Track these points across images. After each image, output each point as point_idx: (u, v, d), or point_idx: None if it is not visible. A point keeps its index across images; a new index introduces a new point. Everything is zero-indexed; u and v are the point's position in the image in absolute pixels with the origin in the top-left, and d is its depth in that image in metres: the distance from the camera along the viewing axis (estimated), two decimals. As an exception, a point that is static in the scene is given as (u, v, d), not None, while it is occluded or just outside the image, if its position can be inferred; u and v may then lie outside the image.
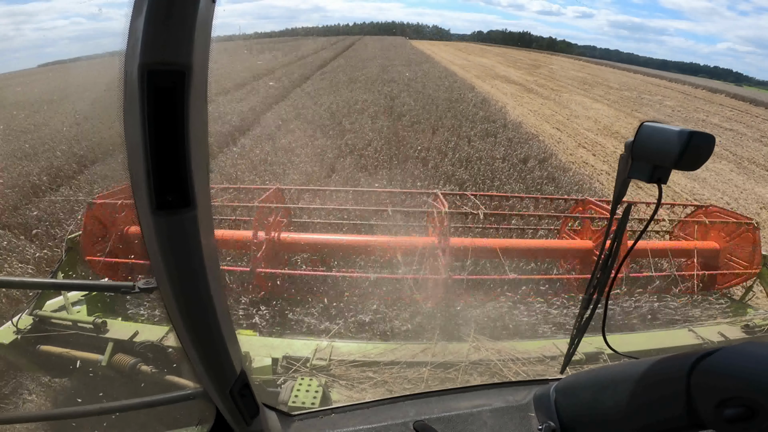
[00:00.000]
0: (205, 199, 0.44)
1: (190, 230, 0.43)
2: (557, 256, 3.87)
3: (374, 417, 0.97)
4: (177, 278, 0.46)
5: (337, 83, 16.94)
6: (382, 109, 11.69)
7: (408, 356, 2.45)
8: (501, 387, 1.09)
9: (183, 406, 0.82)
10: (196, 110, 0.38)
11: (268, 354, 2.43)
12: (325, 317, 3.08)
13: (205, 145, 0.42)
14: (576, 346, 1.09)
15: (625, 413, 0.71)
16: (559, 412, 0.87)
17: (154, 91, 0.35)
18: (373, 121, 10.33)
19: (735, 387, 0.53)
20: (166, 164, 0.38)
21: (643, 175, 0.75)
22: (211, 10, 0.37)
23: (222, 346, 0.57)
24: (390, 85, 16.79)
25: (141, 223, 0.41)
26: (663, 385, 0.64)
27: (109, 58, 29.99)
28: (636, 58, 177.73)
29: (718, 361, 0.57)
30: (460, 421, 0.93)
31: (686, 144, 0.66)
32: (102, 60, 31.91)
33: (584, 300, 1.01)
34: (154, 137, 0.36)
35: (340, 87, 15.79)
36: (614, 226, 0.91)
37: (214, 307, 0.51)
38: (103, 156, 7.90)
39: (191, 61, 0.35)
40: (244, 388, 0.68)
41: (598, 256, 0.96)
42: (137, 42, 0.34)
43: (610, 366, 0.84)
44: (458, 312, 3.05)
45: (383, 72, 21.81)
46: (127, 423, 2.24)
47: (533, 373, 2.38)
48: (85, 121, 10.45)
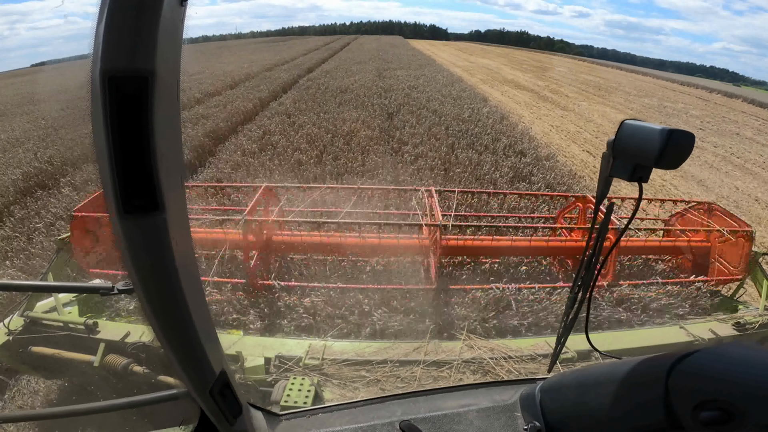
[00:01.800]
0: (179, 202, 0.44)
1: (160, 233, 0.42)
2: (552, 254, 3.82)
3: (362, 416, 0.98)
4: (149, 280, 0.46)
5: (324, 93, 13.89)
6: (376, 134, 9.01)
7: (401, 355, 2.45)
8: (489, 386, 1.09)
9: (171, 405, 0.82)
10: (164, 115, 0.37)
11: (261, 353, 2.42)
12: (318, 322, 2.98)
13: (177, 148, 0.42)
14: (563, 345, 1.10)
15: (608, 414, 0.71)
16: (544, 412, 0.87)
17: (117, 98, 0.35)
18: (364, 154, 7.77)
19: (712, 389, 0.53)
20: (131, 169, 0.37)
21: (625, 173, 0.75)
22: (179, 13, 0.37)
23: (199, 346, 0.57)
24: (387, 96, 13.69)
25: (113, 227, 0.41)
26: (643, 387, 0.65)
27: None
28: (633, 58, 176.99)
29: (695, 363, 0.57)
30: (446, 420, 0.94)
31: (666, 142, 0.66)
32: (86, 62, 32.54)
33: (569, 299, 1.01)
34: (119, 143, 0.36)
35: (326, 99, 12.76)
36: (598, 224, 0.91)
37: (188, 308, 0.51)
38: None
39: (154, 67, 0.35)
40: (225, 387, 0.67)
41: (582, 255, 0.96)
42: (99, 48, 0.33)
43: (593, 366, 0.84)
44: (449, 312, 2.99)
45: (379, 78, 18.78)
46: (116, 423, 2.23)
47: (525, 371, 2.39)
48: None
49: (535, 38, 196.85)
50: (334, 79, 17.74)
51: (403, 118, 10.68)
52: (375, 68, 22.51)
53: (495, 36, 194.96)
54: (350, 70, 21.58)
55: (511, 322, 3.04)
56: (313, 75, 19.85)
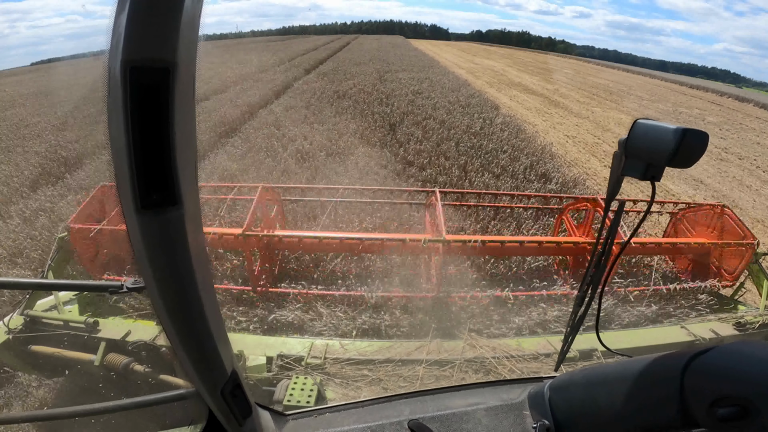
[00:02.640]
0: (193, 198, 0.43)
1: (177, 229, 0.41)
2: (556, 252, 3.83)
3: (369, 416, 0.97)
4: (164, 278, 0.45)
5: (320, 100, 12.72)
6: (377, 151, 7.94)
7: (403, 354, 2.44)
8: (495, 385, 1.08)
9: (176, 405, 0.81)
10: (182, 107, 0.37)
11: (263, 353, 2.41)
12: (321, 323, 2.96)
13: (192, 143, 0.41)
14: (570, 344, 1.09)
15: (619, 412, 0.71)
16: (553, 411, 0.87)
17: (138, 89, 0.34)
18: (361, 175, 6.63)
19: (728, 387, 0.53)
20: (150, 162, 0.36)
21: (637, 172, 0.74)
22: (199, 6, 0.36)
23: (212, 346, 0.56)
24: (389, 102, 12.45)
25: (127, 223, 0.40)
26: (656, 385, 0.64)
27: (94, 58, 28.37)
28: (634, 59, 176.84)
29: (710, 360, 0.57)
30: (455, 419, 0.93)
31: (680, 141, 0.65)
32: (89, 59, 30.38)
33: (578, 297, 1.00)
34: (138, 135, 0.35)
35: (322, 107, 11.54)
36: (608, 223, 0.90)
37: (202, 307, 0.50)
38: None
39: (176, 58, 0.34)
40: (236, 388, 0.66)
41: (592, 253, 0.95)
42: (120, 39, 0.33)
43: (604, 364, 0.83)
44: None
45: (380, 81, 17.40)
46: (120, 423, 2.22)
47: (528, 370, 2.38)
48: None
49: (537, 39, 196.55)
50: (333, 83, 16.37)
51: (408, 130, 9.53)
52: (375, 70, 21.17)
53: (496, 36, 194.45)
54: (349, 72, 20.31)
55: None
56: (310, 78, 18.41)
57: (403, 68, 23.33)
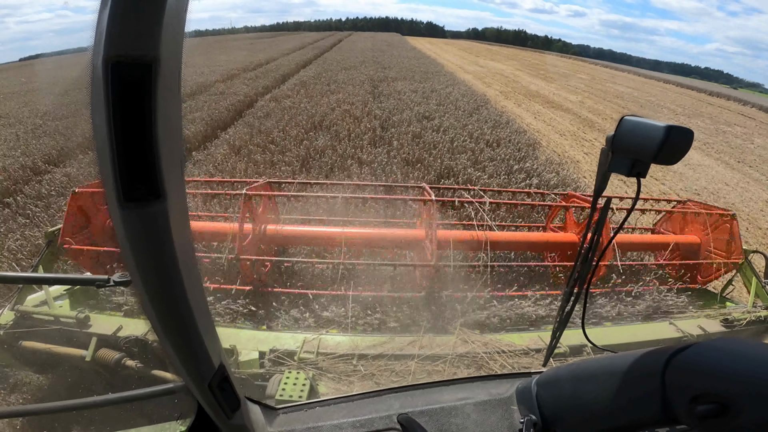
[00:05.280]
0: (179, 191, 0.43)
1: (161, 223, 0.41)
2: (543, 249, 3.86)
3: (359, 410, 0.98)
4: (148, 271, 0.45)
5: (285, 134, 8.34)
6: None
7: (395, 349, 2.44)
8: (485, 380, 1.08)
9: (167, 400, 0.82)
10: (166, 102, 0.37)
11: (255, 347, 2.41)
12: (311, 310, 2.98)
13: (178, 137, 0.41)
14: (558, 339, 1.10)
15: (604, 408, 0.71)
16: (540, 406, 0.88)
17: (120, 84, 0.34)
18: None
19: (707, 383, 0.53)
20: (133, 156, 0.37)
21: (623, 168, 0.75)
22: (184, 2, 0.36)
23: (198, 339, 0.56)
24: (385, 135, 8.65)
25: (111, 216, 0.40)
26: (640, 381, 0.65)
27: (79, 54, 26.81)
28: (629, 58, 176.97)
29: (691, 356, 0.58)
30: (444, 414, 0.94)
31: (665, 138, 0.66)
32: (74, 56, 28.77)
33: (565, 293, 1.01)
34: (121, 129, 0.36)
35: (288, 146, 7.63)
36: (595, 219, 0.91)
37: (188, 300, 0.50)
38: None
39: (159, 53, 0.34)
40: (224, 381, 0.66)
41: (579, 249, 0.96)
42: (102, 35, 0.33)
43: (589, 360, 0.84)
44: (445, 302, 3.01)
45: (373, 95, 13.37)
46: (111, 417, 2.21)
47: (518, 365, 2.38)
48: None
49: (533, 37, 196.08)
50: (309, 99, 12.43)
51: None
52: (368, 78, 17.49)
53: (493, 34, 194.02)
54: (335, 80, 16.60)
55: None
56: (283, 89, 14.46)
57: (401, 75, 19.71)
